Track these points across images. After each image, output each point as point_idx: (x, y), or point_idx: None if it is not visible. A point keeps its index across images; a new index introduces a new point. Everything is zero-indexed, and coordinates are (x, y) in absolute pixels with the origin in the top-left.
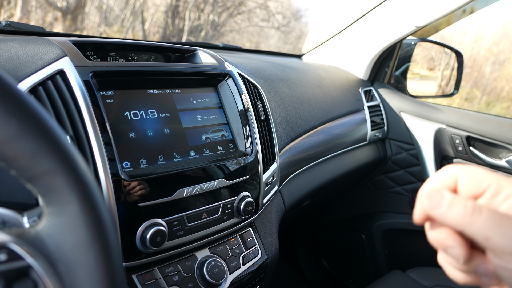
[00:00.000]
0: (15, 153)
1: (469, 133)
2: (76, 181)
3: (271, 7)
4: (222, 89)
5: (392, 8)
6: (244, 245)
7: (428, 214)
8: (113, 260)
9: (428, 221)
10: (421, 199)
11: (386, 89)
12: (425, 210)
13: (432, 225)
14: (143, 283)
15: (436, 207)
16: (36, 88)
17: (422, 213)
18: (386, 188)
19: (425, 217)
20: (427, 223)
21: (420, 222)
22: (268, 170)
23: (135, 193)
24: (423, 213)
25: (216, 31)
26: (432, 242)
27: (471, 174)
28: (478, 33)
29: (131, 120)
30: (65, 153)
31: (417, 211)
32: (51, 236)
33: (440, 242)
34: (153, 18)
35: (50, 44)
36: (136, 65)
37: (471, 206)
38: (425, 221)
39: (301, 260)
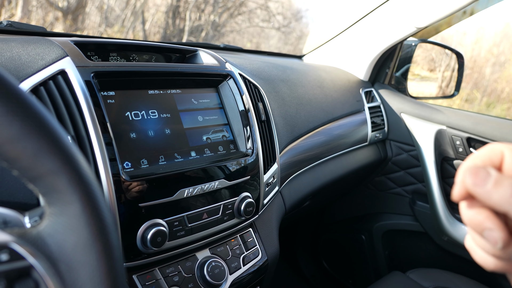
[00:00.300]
0: (17, 153)
1: (469, 135)
2: (78, 182)
3: (272, 7)
4: (223, 89)
5: (393, 9)
6: (245, 246)
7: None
8: (114, 260)
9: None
10: (463, 175)
11: (386, 90)
12: (467, 187)
13: (470, 204)
14: (143, 283)
15: (481, 185)
16: (38, 88)
17: (463, 190)
18: (387, 189)
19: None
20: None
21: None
22: (268, 171)
23: (136, 193)
24: (464, 190)
25: (216, 31)
26: (467, 223)
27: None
28: (479, 34)
29: (132, 121)
30: (67, 153)
31: (458, 188)
32: (52, 236)
33: (478, 223)
34: (154, 18)
35: (52, 44)
36: (137, 65)
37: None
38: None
39: (301, 260)
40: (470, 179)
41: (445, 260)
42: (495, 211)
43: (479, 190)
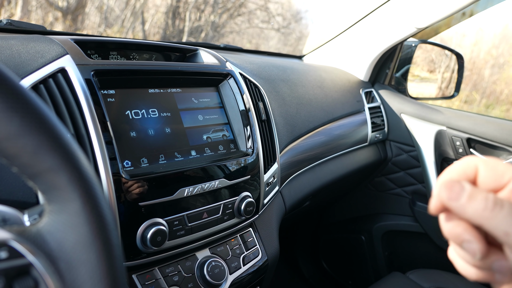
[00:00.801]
0: (17, 150)
1: (469, 135)
2: (78, 179)
3: (271, 8)
4: (224, 89)
5: (393, 10)
6: (245, 246)
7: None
8: (114, 258)
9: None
10: (439, 189)
11: (386, 90)
12: (443, 201)
13: (448, 217)
14: (143, 283)
15: (455, 199)
16: (38, 86)
17: (439, 204)
18: (386, 189)
19: (442, 208)
20: (442, 214)
21: (436, 212)
22: (269, 171)
23: (136, 193)
24: (440, 204)
25: (216, 32)
26: (447, 235)
27: (493, 166)
28: (478, 36)
29: (132, 119)
30: (67, 150)
31: (434, 201)
32: (52, 234)
33: (457, 235)
34: (153, 18)
35: (52, 43)
36: (137, 64)
37: (492, 200)
38: (441, 211)
39: (301, 261)
40: (445, 193)
41: (445, 260)
42: None
43: (454, 204)
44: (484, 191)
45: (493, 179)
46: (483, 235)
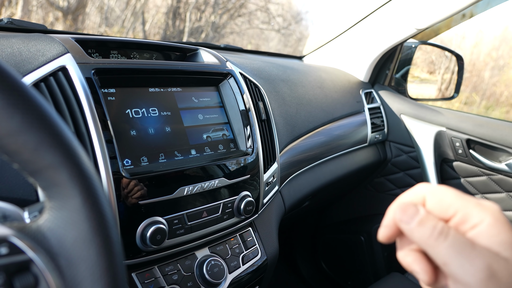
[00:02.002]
0: (18, 147)
1: (469, 136)
2: (78, 176)
3: (272, 9)
4: (224, 88)
5: (393, 11)
6: (244, 245)
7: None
8: (114, 255)
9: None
10: (394, 210)
11: (386, 91)
12: (395, 221)
13: (400, 244)
14: (142, 281)
15: (407, 221)
16: (38, 84)
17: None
18: (386, 190)
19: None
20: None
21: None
22: (268, 170)
23: (136, 191)
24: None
25: (216, 32)
26: (400, 261)
27: (439, 197)
28: (478, 38)
29: (132, 118)
30: (68, 147)
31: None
32: (52, 230)
33: (407, 264)
34: (154, 19)
35: (53, 41)
36: (138, 63)
37: (439, 229)
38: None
39: (300, 261)
40: (399, 214)
41: None
42: None
43: (405, 226)
44: (435, 219)
45: (439, 210)
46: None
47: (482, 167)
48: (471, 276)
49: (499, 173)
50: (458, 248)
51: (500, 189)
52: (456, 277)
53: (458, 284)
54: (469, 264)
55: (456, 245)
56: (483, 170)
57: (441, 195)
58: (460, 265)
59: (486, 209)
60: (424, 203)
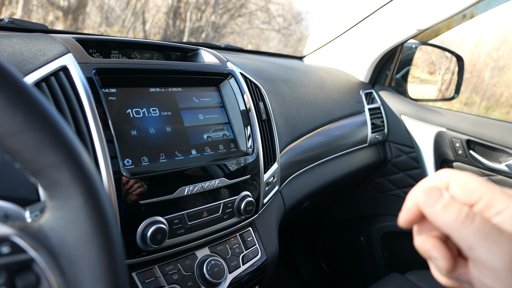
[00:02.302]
0: (20, 146)
1: (469, 137)
2: (80, 175)
3: (272, 9)
4: (224, 88)
5: (394, 11)
6: (244, 245)
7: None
8: (115, 254)
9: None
10: (417, 193)
11: (387, 91)
12: (418, 205)
13: (419, 230)
14: (143, 281)
15: (431, 205)
16: (40, 84)
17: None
18: (386, 190)
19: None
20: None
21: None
22: (268, 170)
23: (137, 191)
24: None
25: (216, 32)
26: (417, 248)
27: (464, 182)
28: (478, 38)
29: (133, 118)
30: (69, 147)
31: (409, 204)
32: (54, 229)
33: (425, 250)
34: (154, 19)
35: (54, 41)
36: (139, 63)
37: (465, 212)
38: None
39: (300, 262)
40: (423, 198)
41: None
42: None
43: (429, 210)
44: (460, 203)
45: (464, 195)
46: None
47: (482, 168)
48: (498, 260)
49: (499, 174)
50: (485, 232)
51: None
52: (483, 261)
53: (483, 269)
54: (497, 248)
55: (483, 229)
56: (483, 171)
57: (466, 180)
58: (487, 249)
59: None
60: (447, 188)
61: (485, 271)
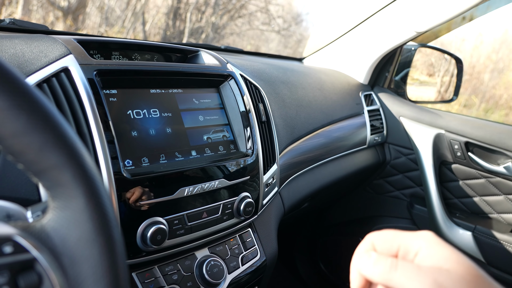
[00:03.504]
0: (23, 147)
1: (468, 139)
2: (82, 176)
3: (272, 10)
4: (224, 90)
5: (393, 14)
6: (244, 246)
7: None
8: (117, 255)
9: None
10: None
11: (386, 93)
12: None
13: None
14: (142, 281)
15: (365, 266)
16: (41, 85)
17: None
18: (385, 192)
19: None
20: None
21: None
22: (268, 172)
23: (137, 192)
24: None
25: (216, 33)
26: None
27: (382, 239)
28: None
29: (133, 119)
30: (72, 148)
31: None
32: (56, 230)
33: None
34: (154, 19)
35: (55, 42)
36: (139, 64)
37: (389, 263)
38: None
39: (299, 263)
40: (358, 263)
41: None
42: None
43: (365, 272)
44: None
45: (387, 250)
46: None
47: (481, 170)
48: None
49: (497, 176)
50: (408, 273)
51: (498, 191)
52: None
53: None
54: (420, 284)
55: (406, 271)
56: (481, 173)
57: (383, 237)
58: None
59: (420, 237)
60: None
61: None
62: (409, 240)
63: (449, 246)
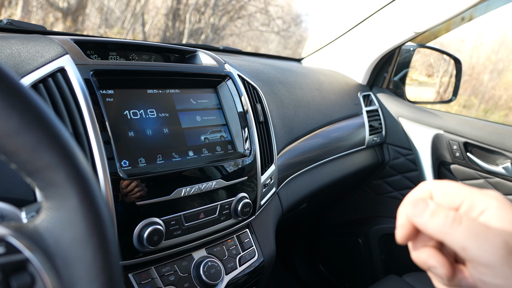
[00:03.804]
0: (16, 147)
1: (466, 139)
2: (75, 176)
3: (272, 11)
4: (222, 90)
5: (392, 14)
6: (241, 246)
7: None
8: (110, 255)
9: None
10: (405, 207)
11: (384, 94)
12: (409, 217)
13: (414, 245)
14: (139, 282)
15: (420, 215)
16: (37, 85)
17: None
18: (384, 192)
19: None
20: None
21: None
22: (266, 172)
23: (133, 192)
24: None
25: (216, 34)
26: (416, 262)
27: (445, 189)
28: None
29: (130, 119)
30: (65, 147)
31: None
32: (49, 230)
33: (423, 261)
34: (154, 20)
35: (52, 42)
36: (136, 64)
37: (451, 216)
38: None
39: (298, 264)
40: (411, 210)
41: None
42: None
43: (418, 220)
44: (446, 209)
45: (447, 201)
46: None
47: (480, 170)
48: (491, 255)
49: (496, 176)
50: (473, 231)
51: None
52: (477, 259)
53: (479, 267)
54: (488, 244)
55: (471, 228)
56: (480, 173)
57: (446, 187)
58: (479, 247)
59: (490, 195)
60: (431, 197)
61: (482, 269)
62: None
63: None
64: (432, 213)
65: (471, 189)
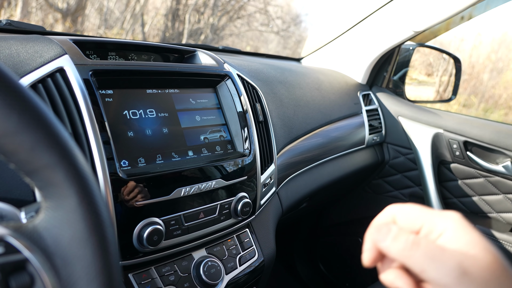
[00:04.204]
0: (15, 147)
1: (466, 138)
2: (74, 176)
3: (271, 11)
4: (221, 90)
5: (391, 13)
6: (241, 246)
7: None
8: (110, 255)
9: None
10: (371, 232)
11: (384, 93)
12: (374, 242)
13: (382, 267)
14: (139, 282)
15: (383, 240)
16: (36, 86)
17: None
18: (384, 192)
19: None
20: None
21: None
22: (266, 172)
23: (133, 192)
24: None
25: (215, 34)
26: (384, 282)
27: (407, 214)
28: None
29: (130, 119)
30: (64, 147)
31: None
32: (48, 230)
33: (390, 282)
34: (153, 21)
35: (51, 42)
36: (135, 64)
37: (411, 240)
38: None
39: (298, 263)
40: (375, 235)
41: None
42: None
43: (382, 244)
44: (407, 233)
45: (408, 224)
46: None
47: (479, 169)
48: (446, 276)
49: (496, 175)
50: (430, 253)
51: (497, 191)
52: (434, 281)
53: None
54: (443, 266)
55: (428, 251)
56: (480, 172)
57: (408, 211)
58: (435, 269)
59: (448, 217)
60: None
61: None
62: (435, 218)
63: (477, 231)
64: (394, 237)
65: (431, 212)
